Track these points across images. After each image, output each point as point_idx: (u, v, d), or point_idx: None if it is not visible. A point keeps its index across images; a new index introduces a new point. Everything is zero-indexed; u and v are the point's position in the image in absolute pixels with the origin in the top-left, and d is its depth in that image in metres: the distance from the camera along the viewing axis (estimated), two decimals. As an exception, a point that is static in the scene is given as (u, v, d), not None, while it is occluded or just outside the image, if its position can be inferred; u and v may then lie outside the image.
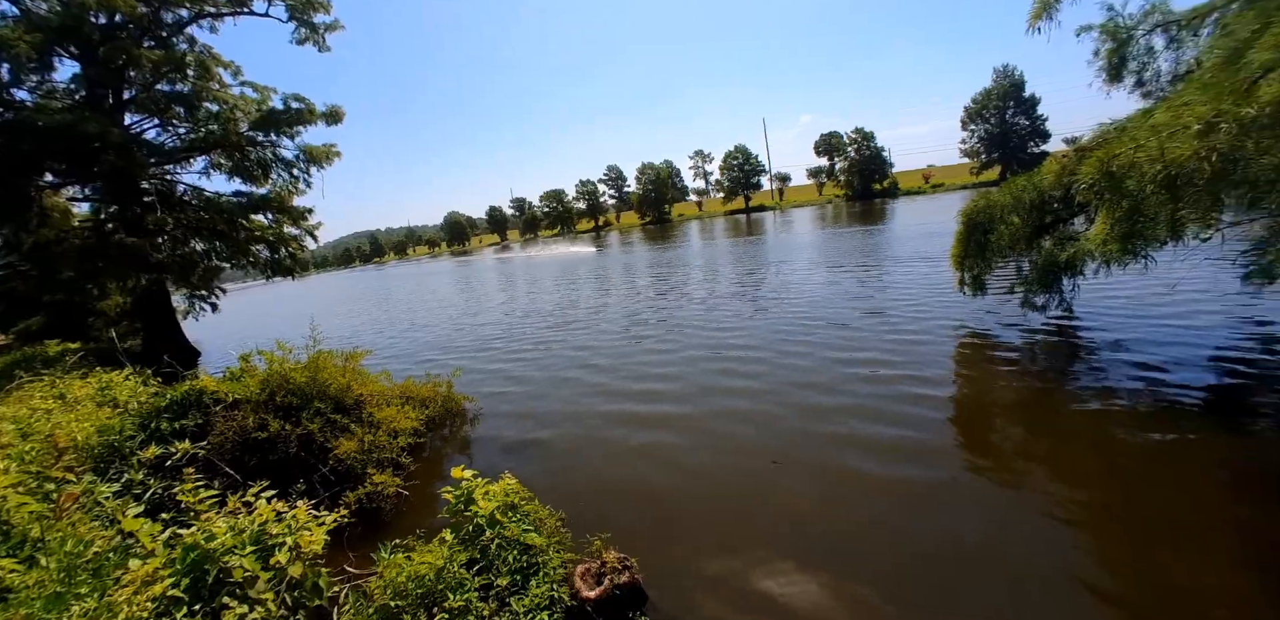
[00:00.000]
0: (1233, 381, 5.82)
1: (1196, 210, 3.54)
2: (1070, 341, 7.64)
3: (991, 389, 6.45)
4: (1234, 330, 7.14)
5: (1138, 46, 7.28)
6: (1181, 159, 3.25)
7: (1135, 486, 4.23)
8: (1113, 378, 6.22)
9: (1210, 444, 4.66)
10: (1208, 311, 7.91)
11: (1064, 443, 5.04)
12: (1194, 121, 3.29)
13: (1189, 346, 6.76)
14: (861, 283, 13.65)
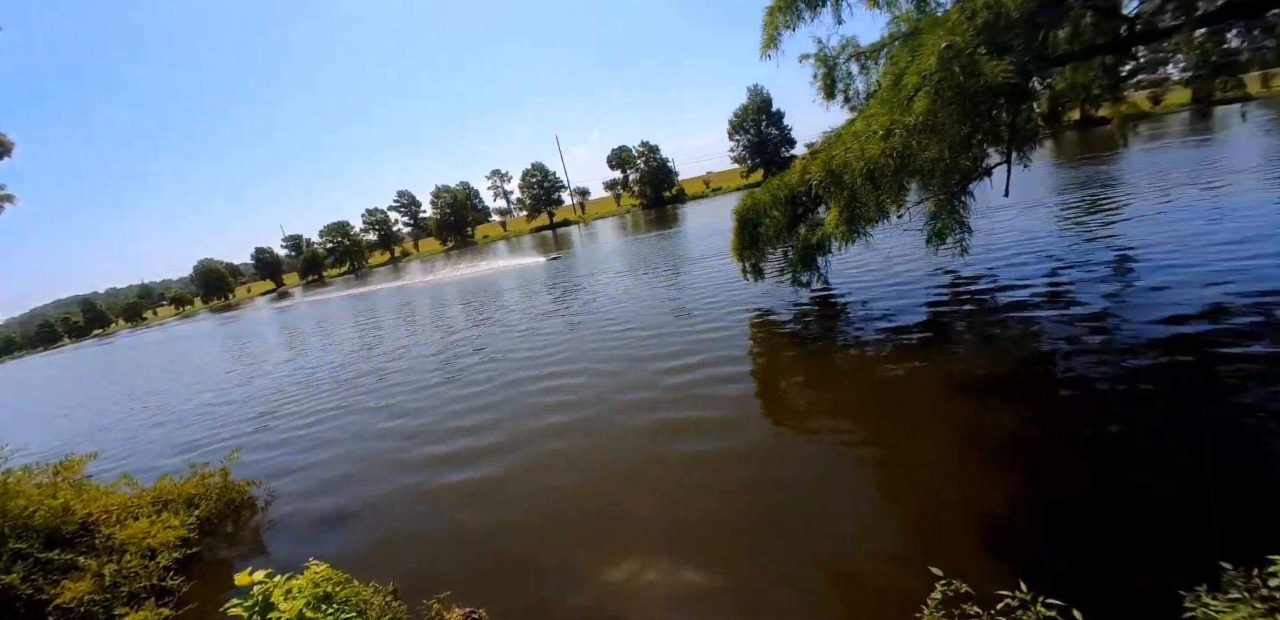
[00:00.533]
0: (938, 319, 7.72)
1: (890, 195, 4.56)
2: (831, 308, 9.37)
3: (779, 358, 7.58)
4: (931, 282, 9.50)
5: (841, 71, 9.06)
6: (875, 157, 4.21)
7: (889, 407, 5.56)
8: (864, 331, 7.81)
9: (932, 365, 6.20)
10: (912, 270, 10.36)
11: (836, 388, 6.30)
12: (879, 128, 4.27)
13: (907, 299, 8.83)
14: (665, 285, 14.72)
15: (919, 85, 4.21)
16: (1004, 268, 9.68)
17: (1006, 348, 6.41)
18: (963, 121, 4.15)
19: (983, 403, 5.28)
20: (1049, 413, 4.93)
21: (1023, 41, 4.20)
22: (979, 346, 6.59)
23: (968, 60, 3.91)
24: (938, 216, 4.84)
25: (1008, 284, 8.68)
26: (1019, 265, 9.68)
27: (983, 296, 8.39)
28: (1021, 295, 8.03)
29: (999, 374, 5.83)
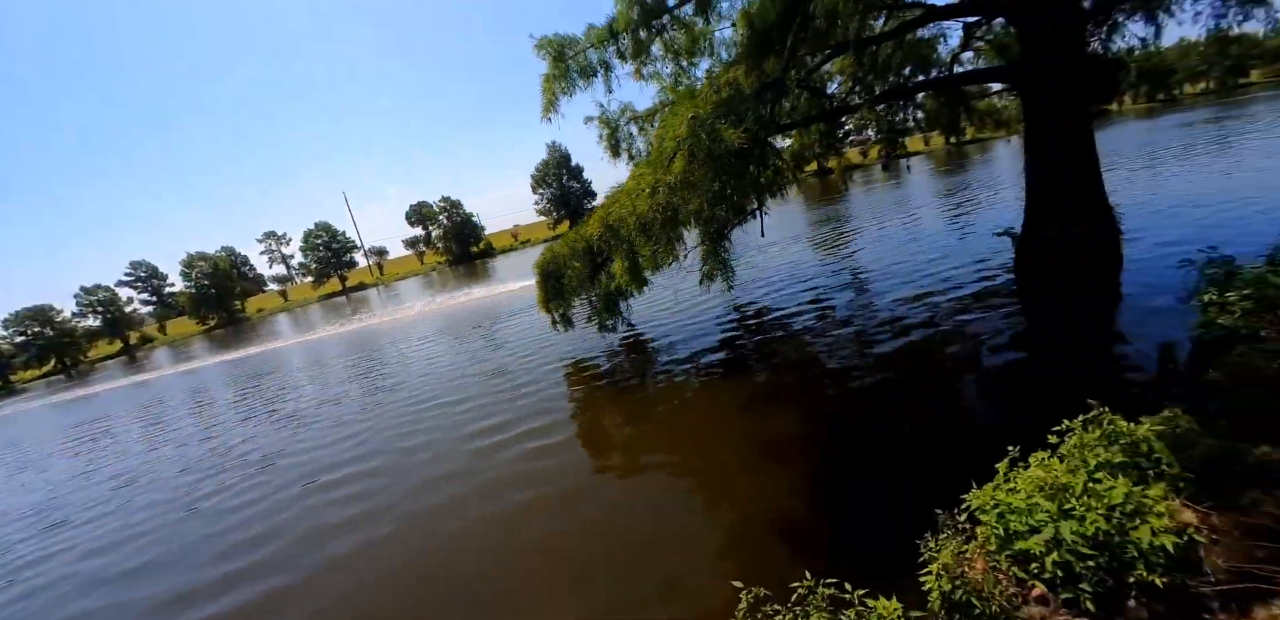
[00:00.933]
0: (732, 348, 8.70)
1: (662, 245, 5.09)
2: (640, 349, 9.93)
3: (598, 404, 7.78)
4: (724, 316, 10.69)
5: (623, 133, 10.00)
6: (644, 212, 4.70)
7: (699, 433, 6.12)
8: (671, 366, 8.42)
9: (731, 388, 6.99)
10: (707, 307, 11.58)
11: (653, 423, 6.68)
12: (646, 187, 4.79)
13: (706, 334, 9.79)
14: (478, 345, 14.10)
15: (675, 149, 4.91)
16: (778, 296, 11.42)
17: (787, 362, 7.59)
18: (714, 178, 4.91)
19: (775, 413, 6.13)
20: (825, 409, 5.99)
21: (754, 114, 5.23)
22: (766, 366, 7.67)
23: (711, 128, 4.68)
24: (705, 260, 5.58)
25: (782, 309, 10.30)
26: (789, 292, 11.50)
27: (764, 323, 9.78)
28: (793, 317, 9.62)
29: (784, 385, 6.90)
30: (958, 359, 6.53)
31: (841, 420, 5.65)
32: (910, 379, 6.29)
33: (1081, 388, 5.19)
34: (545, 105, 7.10)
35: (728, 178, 4.95)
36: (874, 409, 5.73)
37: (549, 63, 6.88)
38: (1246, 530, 2.78)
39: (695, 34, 7.53)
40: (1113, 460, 2.73)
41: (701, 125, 4.70)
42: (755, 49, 5.59)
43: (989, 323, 7.28)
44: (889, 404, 5.79)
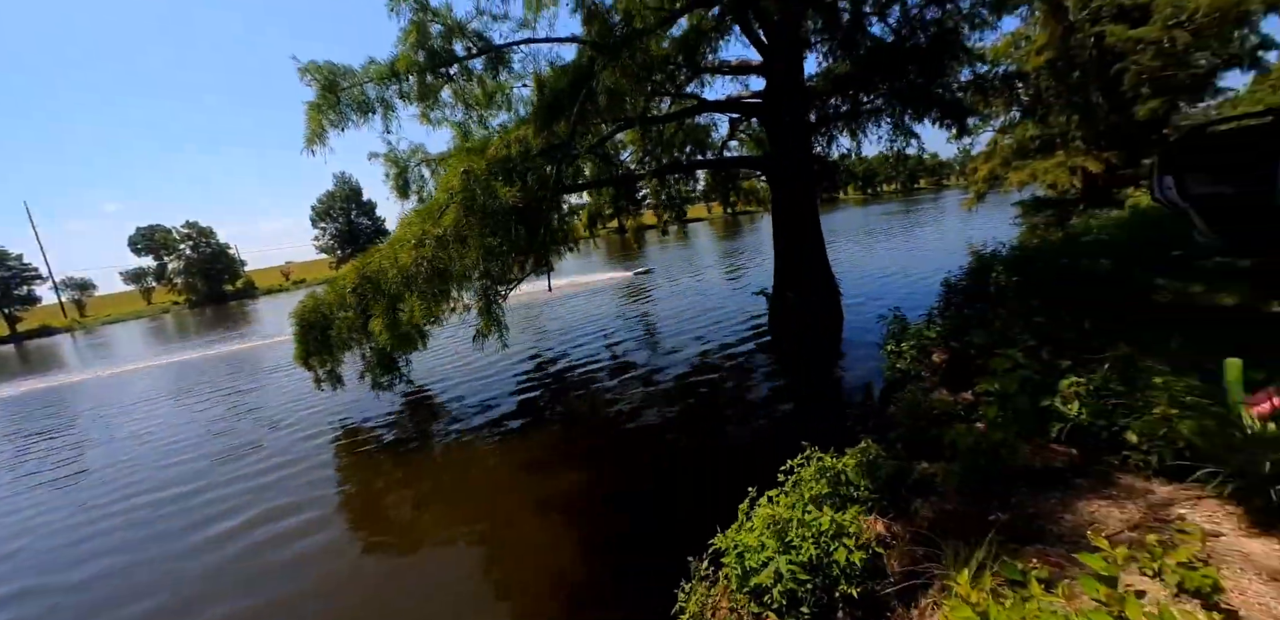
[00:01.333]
0: (528, 402, 8.44)
1: (428, 301, 4.81)
2: (425, 407, 9.11)
3: (374, 476, 6.80)
4: (521, 368, 10.46)
5: (414, 174, 9.41)
6: (407, 265, 4.41)
7: (491, 496, 5.70)
8: (461, 425, 7.83)
9: (526, 445, 6.73)
10: (504, 360, 11.23)
11: (438, 490, 6.06)
12: (413, 237, 4.52)
13: (499, 388, 9.41)
14: (219, 411, 11.28)
15: (448, 201, 4.78)
16: (577, 347, 11.61)
17: (579, 415, 7.64)
18: (489, 234, 4.85)
19: (565, 470, 6.03)
20: (611, 461, 6.06)
21: (536, 173, 5.42)
22: (560, 420, 7.62)
23: (485, 184, 4.67)
24: (480, 317, 5.40)
25: (579, 361, 10.45)
26: (588, 344, 11.77)
27: (562, 375, 9.79)
28: (589, 369, 9.82)
29: (575, 439, 6.88)
30: (725, 406, 7.34)
31: (625, 471, 5.83)
32: (687, 427, 6.83)
33: (816, 425, 6.18)
34: (310, 136, 6.39)
35: (503, 234, 4.97)
36: (653, 458, 6.04)
37: (317, 91, 6.27)
38: (913, 535, 3.48)
39: (489, 88, 7.66)
40: (822, 492, 3.22)
41: (476, 180, 4.68)
42: (546, 111, 5.89)
43: (754, 374, 8.41)
44: (666, 453, 6.18)
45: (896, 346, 5.58)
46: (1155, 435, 2.93)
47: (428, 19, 6.34)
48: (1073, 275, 5.89)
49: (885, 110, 8.88)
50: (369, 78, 6.38)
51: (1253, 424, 2.63)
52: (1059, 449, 3.47)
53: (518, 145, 5.80)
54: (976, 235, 20.08)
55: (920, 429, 4.27)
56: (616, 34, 5.76)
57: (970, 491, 3.33)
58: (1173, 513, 2.66)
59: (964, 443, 3.15)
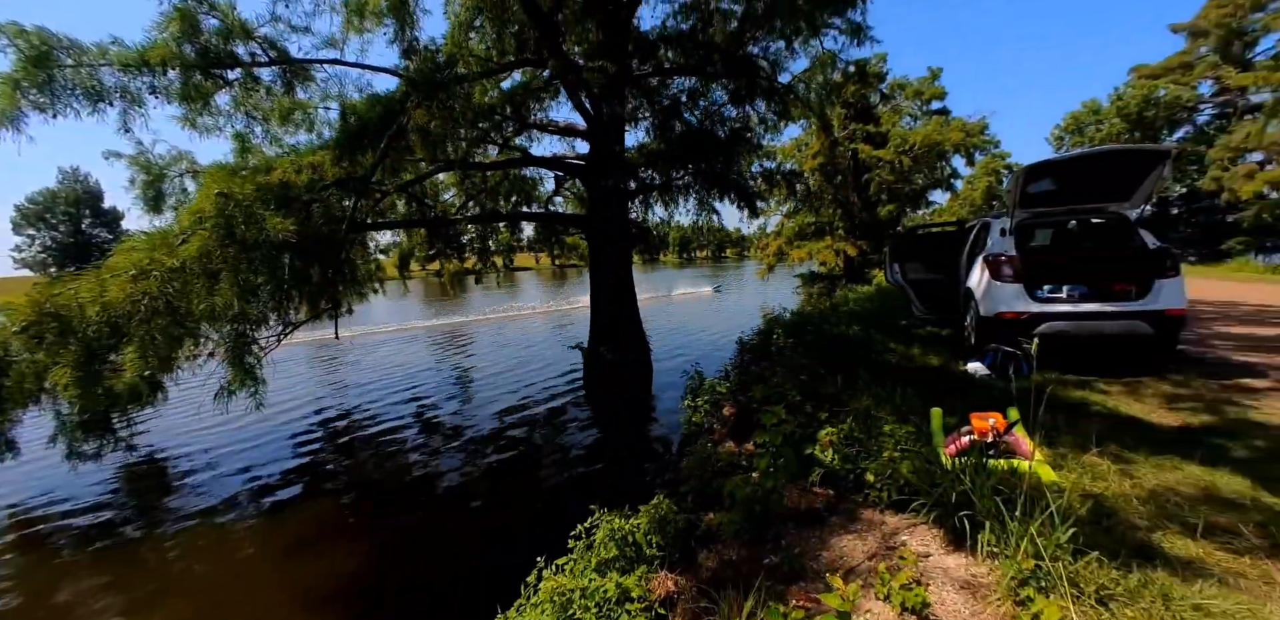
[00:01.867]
0: (310, 465, 7.19)
1: (145, 348, 3.81)
2: (161, 479, 7.12)
3: (61, 578, 4.94)
4: (304, 425, 8.89)
5: (173, 185, 7.71)
6: (117, 301, 3.45)
7: (241, 591, 4.43)
8: (215, 499, 6.30)
9: (295, 522, 5.56)
10: (284, 418, 9.46)
11: (163, 592, 4.65)
12: (132, 267, 3.58)
13: (272, 454, 7.80)
14: None
15: (194, 227, 3.94)
16: (379, 403, 10.28)
17: (373, 479, 6.61)
18: (251, 271, 4.08)
19: (350, 546, 5.10)
20: (414, 531, 5.26)
21: (323, 207, 4.81)
22: (349, 486, 6.51)
23: (249, 211, 3.97)
24: (230, 369, 4.38)
25: (379, 419, 9.23)
26: (393, 399, 10.49)
27: (355, 436, 8.49)
28: (390, 424, 8.71)
29: (368, 509, 5.88)
30: (535, 466, 6.97)
31: (418, 546, 5.07)
32: (493, 491, 6.28)
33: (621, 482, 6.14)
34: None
35: (270, 272, 4.19)
36: (453, 528, 5.40)
37: (16, 60, 4.82)
38: (698, 588, 3.52)
39: (286, 104, 6.77)
40: (609, 556, 3.11)
41: (237, 206, 3.93)
42: (349, 140, 5.38)
43: (567, 430, 8.21)
44: (469, 521, 5.57)
45: (693, 401, 5.91)
46: (885, 475, 3.42)
47: (200, 9, 5.44)
48: (833, 338, 6.97)
49: (693, 187, 9.99)
50: (107, 61, 5.13)
51: (947, 462, 3.22)
52: (819, 491, 3.87)
53: (309, 171, 5.14)
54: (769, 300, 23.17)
55: (707, 481, 4.47)
56: (439, 75, 5.61)
57: (748, 538, 3.51)
58: (898, 540, 3.07)
59: (741, 493, 3.33)
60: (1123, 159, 6.01)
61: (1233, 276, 17.32)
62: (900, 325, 9.33)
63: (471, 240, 13.82)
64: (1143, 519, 2.88)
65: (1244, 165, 25.21)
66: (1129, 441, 3.87)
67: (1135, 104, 27.97)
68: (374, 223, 7.75)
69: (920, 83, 28.75)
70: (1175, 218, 30.05)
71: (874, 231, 27.69)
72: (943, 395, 5.05)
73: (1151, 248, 6.01)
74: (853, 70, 11.60)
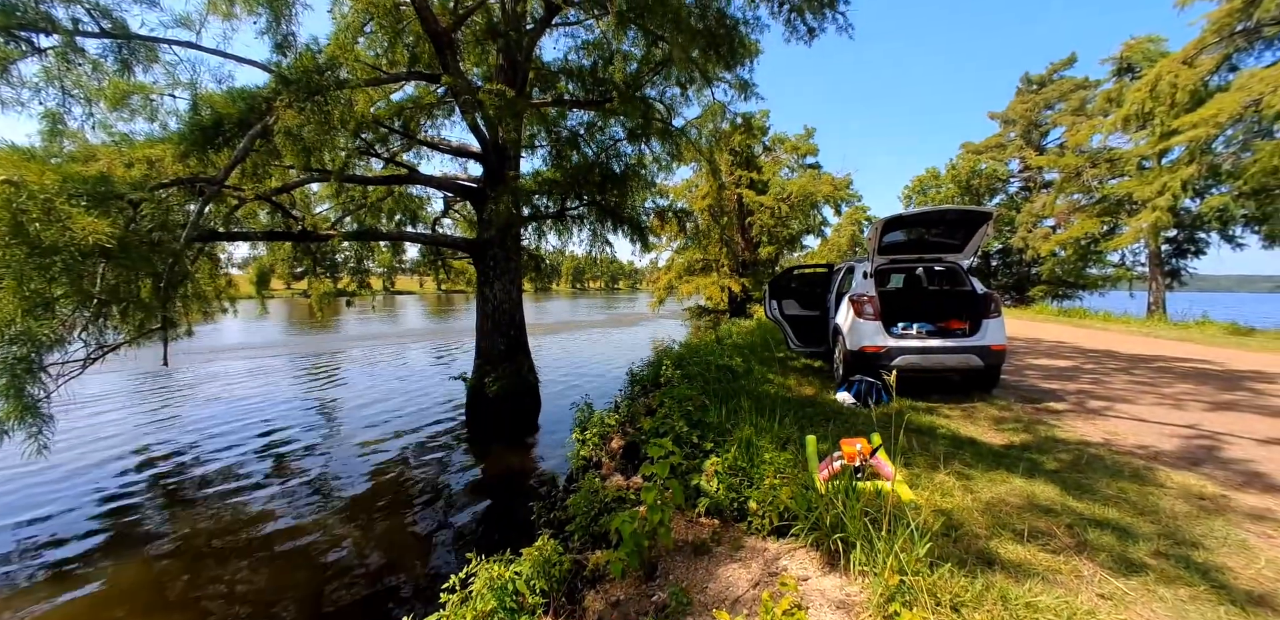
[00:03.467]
0: (120, 524, 5.79)
1: None
2: None
3: None
4: (119, 467, 7.35)
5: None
6: None
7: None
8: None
9: (100, 594, 4.48)
10: (64, 462, 7.78)
11: None
12: None
13: (73, 505, 6.33)
14: None
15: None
16: (220, 439, 8.81)
17: (207, 534, 5.48)
18: (45, 279, 3.31)
19: (182, 607, 4.02)
20: (259, 597, 4.33)
21: (156, 207, 4.09)
22: (174, 546, 5.31)
23: (47, 207, 3.24)
24: (4, 399, 3.44)
25: (222, 457, 7.88)
26: (238, 434, 9.06)
27: (187, 478, 7.15)
28: (236, 467, 7.46)
29: (199, 571, 4.84)
30: (411, 510, 6.23)
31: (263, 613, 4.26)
32: (360, 542, 5.48)
33: (504, 524, 5.72)
34: None
35: (74, 283, 3.41)
36: (310, 591, 4.60)
37: None
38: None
39: (123, 87, 5.74)
40: (486, 609, 2.82)
41: (32, 198, 3.17)
42: (200, 135, 4.68)
43: (448, 469, 7.53)
44: (329, 581, 4.80)
45: (581, 434, 5.75)
46: (766, 502, 3.50)
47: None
48: (718, 370, 7.21)
49: (587, 218, 10.06)
50: None
51: (821, 487, 3.37)
52: (705, 522, 3.86)
53: (144, 166, 4.37)
54: (660, 332, 23.70)
55: (594, 517, 4.30)
56: (318, 77, 5.15)
57: (636, 575, 3.38)
58: (780, 565, 3.12)
59: (628, 528, 3.22)
60: (957, 217, 7.02)
61: (1035, 318, 20.81)
62: (778, 357, 9.93)
63: (346, 259, 12.70)
64: (982, 529, 3.20)
65: (1041, 228, 31.16)
66: (968, 459, 4.35)
67: (965, 173, 33.56)
68: (227, 232, 6.78)
69: (798, 139, 32.03)
70: (995, 269, 35.79)
71: (755, 270, 29.79)
72: (817, 422, 5.37)
73: (979, 292, 7.01)
74: (740, 121, 12.56)
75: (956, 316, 7.44)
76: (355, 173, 8.39)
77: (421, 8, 6.58)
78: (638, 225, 10.27)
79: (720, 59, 8.88)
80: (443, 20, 7.11)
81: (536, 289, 12.91)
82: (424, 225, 12.07)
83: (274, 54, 5.76)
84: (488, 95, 6.76)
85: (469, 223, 12.48)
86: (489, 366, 9.20)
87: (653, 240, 11.99)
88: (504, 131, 7.89)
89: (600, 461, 5.59)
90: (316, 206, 10.69)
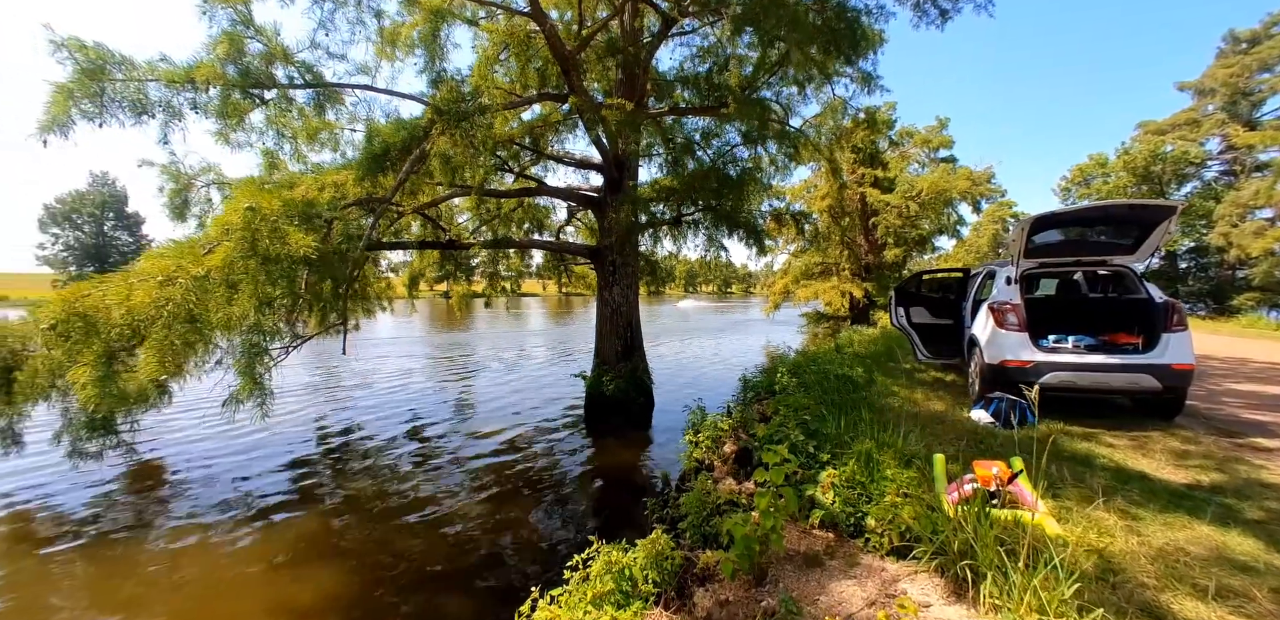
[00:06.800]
0: (301, 479, 7.11)
1: (162, 353, 3.85)
2: (153, 480, 7.10)
3: (44, 583, 4.81)
4: (297, 439, 8.83)
5: (198, 195, 7.95)
6: (141, 305, 3.54)
7: (238, 595, 4.19)
8: (204, 505, 6.28)
9: (280, 535, 5.50)
10: (280, 426, 9.41)
11: (151, 596, 4.53)
12: (160, 273, 3.69)
13: (267, 463, 7.74)
14: None
15: (220, 238, 4.07)
16: (375, 418, 10.22)
17: (363, 497, 6.49)
18: (270, 283, 4.16)
19: (333, 565, 4.93)
20: (398, 559, 5.07)
21: (344, 224, 4.95)
22: (338, 503, 6.38)
23: (274, 227, 4.09)
24: (240, 377, 4.41)
25: (374, 434, 9.17)
26: (389, 415, 10.42)
27: (351, 449, 8.43)
28: (386, 443, 8.65)
29: (354, 527, 5.75)
30: (530, 492, 6.81)
31: (404, 569, 4.93)
32: (484, 515, 6.13)
33: (617, 514, 6.01)
34: (48, 121, 5.06)
35: (288, 285, 4.28)
36: (442, 552, 5.25)
37: (74, 73, 5.11)
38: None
39: (314, 125, 7.05)
40: (605, 590, 3.03)
41: (263, 219, 4.06)
42: (372, 161, 5.55)
43: (565, 458, 8.07)
44: (458, 546, 5.43)
45: (694, 436, 5.86)
46: (887, 520, 3.35)
47: (247, 34, 5.78)
48: (836, 379, 6.94)
49: (702, 223, 10.16)
50: (154, 77, 5.41)
51: (950, 510, 3.16)
52: (819, 534, 3.79)
53: (333, 189, 5.29)
54: (773, 338, 23.11)
55: (706, 518, 4.38)
56: (464, 105, 5.85)
57: (745, 578, 3.42)
58: (898, 588, 2.99)
59: (740, 531, 3.27)
60: (1130, 213, 6.12)
61: (1243, 333, 17.25)
62: (904, 369, 9.28)
63: (482, 264, 14.00)
64: (1150, 578, 2.81)
65: (1253, 222, 24.94)
66: (1136, 497, 3.80)
67: (1142, 159, 28.36)
68: (390, 242, 7.94)
69: (928, 131, 29.52)
70: (1184, 272, 30.10)
71: (879, 274, 27.90)
72: (946, 441, 4.99)
73: (1157, 301, 6.04)
74: (863, 116, 11.93)
75: (1125, 329, 6.46)
76: (491, 187, 9.27)
77: (550, 35, 7.14)
78: (753, 229, 10.17)
79: (840, 54, 8.53)
80: (568, 44, 7.64)
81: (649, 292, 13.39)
82: (549, 233, 12.96)
83: (429, 88, 6.63)
84: (609, 110, 7.14)
85: (590, 230, 13.16)
86: (606, 366, 9.65)
87: (768, 243, 11.77)
88: (623, 143, 8.26)
89: (712, 464, 5.66)
90: (458, 218, 11.94)
